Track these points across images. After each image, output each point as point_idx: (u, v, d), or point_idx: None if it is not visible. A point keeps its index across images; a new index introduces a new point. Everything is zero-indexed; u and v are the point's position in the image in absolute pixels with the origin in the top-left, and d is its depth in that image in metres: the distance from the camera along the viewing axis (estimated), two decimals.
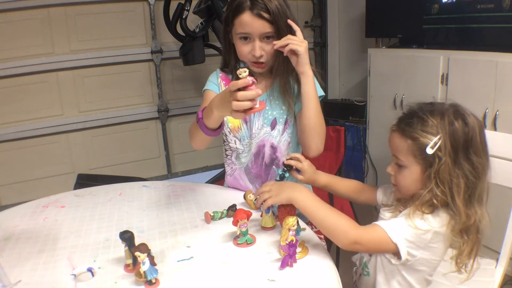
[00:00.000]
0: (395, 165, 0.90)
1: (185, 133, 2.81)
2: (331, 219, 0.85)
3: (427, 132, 0.82)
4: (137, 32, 2.54)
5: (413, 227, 0.81)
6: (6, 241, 0.96)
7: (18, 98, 2.31)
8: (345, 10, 3.04)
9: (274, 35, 1.05)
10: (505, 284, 1.75)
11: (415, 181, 0.86)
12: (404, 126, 0.85)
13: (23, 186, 2.40)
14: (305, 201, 0.88)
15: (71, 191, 1.31)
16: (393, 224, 0.83)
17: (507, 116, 1.75)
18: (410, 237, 0.81)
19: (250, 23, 1.02)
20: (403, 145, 0.85)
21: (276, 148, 1.16)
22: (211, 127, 0.96)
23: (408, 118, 0.86)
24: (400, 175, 0.88)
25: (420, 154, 0.82)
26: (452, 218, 0.82)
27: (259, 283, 0.78)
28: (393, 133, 0.89)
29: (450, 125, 0.81)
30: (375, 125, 2.59)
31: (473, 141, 0.81)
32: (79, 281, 0.81)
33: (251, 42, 1.05)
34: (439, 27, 2.10)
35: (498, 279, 1.17)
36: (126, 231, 0.80)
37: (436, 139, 0.80)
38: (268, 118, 1.14)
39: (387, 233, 0.81)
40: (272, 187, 0.94)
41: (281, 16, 1.03)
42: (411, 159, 0.84)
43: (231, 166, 1.25)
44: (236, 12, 1.03)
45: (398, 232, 0.81)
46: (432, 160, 0.81)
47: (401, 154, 0.86)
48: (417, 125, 0.83)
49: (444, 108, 0.84)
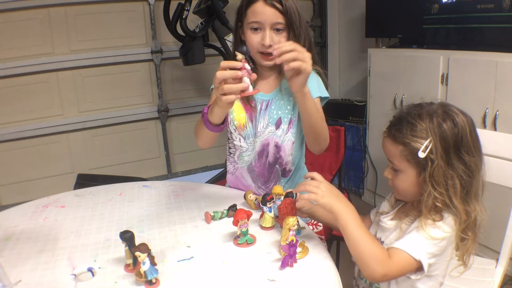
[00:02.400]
0: (391, 169, 0.90)
1: (185, 133, 2.83)
2: (366, 246, 0.80)
3: (417, 137, 0.82)
4: (137, 32, 2.54)
5: (429, 238, 0.80)
6: (6, 241, 0.96)
7: (18, 98, 2.31)
8: (345, 10, 3.04)
9: (285, 27, 1.05)
10: (505, 284, 1.75)
11: (412, 184, 0.86)
12: (395, 132, 0.85)
13: (23, 186, 2.40)
14: (347, 219, 0.82)
15: (71, 191, 1.31)
16: (411, 242, 0.81)
17: (507, 116, 1.75)
18: (429, 249, 0.80)
19: (263, 11, 1.03)
20: (395, 151, 0.85)
21: (280, 147, 1.16)
22: (215, 122, 0.99)
23: (397, 124, 0.86)
24: (397, 179, 0.88)
25: (413, 159, 0.83)
26: (456, 218, 0.82)
27: (259, 283, 0.78)
28: (385, 139, 0.89)
29: (439, 127, 0.81)
30: (375, 125, 2.59)
31: (464, 141, 0.81)
32: (79, 281, 0.81)
33: (262, 32, 1.05)
34: (439, 27, 2.10)
35: (498, 279, 1.17)
36: (126, 231, 0.80)
37: (426, 143, 0.80)
38: (273, 117, 1.14)
39: (409, 254, 0.79)
40: (322, 185, 0.87)
41: (294, 11, 1.04)
42: (405, 164, 0.85)
43: (233, 164, 1.25)
44: (249, 1, 1.05)
45: (418, 248, 0.80)
46: (425, 164, 0.81)
47: (395, 159, 0.86)
48: (406, 130, 0.83)
49: (432, 110, 0.84)
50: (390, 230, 0.92)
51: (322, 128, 1.06)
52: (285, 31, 1.06)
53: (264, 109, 1.15)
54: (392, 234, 0.91)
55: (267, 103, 1.15)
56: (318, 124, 1.04)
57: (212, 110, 0.98)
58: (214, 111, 0.98)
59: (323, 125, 1.06)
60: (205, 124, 1.01)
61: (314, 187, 0.86)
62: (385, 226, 0.93)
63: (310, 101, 0.99)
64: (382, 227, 0.95)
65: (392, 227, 0.92)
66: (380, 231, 0.96)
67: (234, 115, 1.17)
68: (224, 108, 0.95)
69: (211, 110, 0.99)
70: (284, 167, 1.18)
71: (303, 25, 1.07)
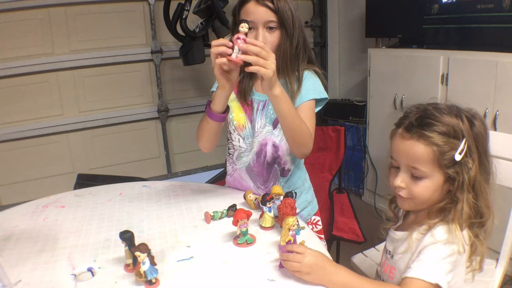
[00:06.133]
0: (407, 176, 0.79)
1: (185, 133, 2.83)
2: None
3: (450, 137, 0.74)
4: (137, 32, 2.54)
5: (449, 253, 0.74)
6: (6, 241, 0.96)
7: (18, 98, 2.31)
8: (345, 10, 3.04)
9: (277, 26, 1.06)
10: (505, 284, 1.75)
11: (435, 192, 0.78)
12: (422, 131, 0.75)
13: (23, 186, 2.40)
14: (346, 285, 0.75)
15: (71, 191, 1.31)
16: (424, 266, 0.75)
17: (507, 116, 1.75)
18: (445, 267, 0.74)
19: (254, 10, 1.04)
20: (425, 154, 0.75)
21: (278, 146, 1.16)
22: (217, 110, 1.04)
23: (423, 124, 0.76)
24: (417, 187, 0.78)
25: (448, 162, 0.74)
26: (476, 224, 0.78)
27: (259, 283, 0.78)
28: (405, 140, 0.78)
29: (471, 127, 0.75)
30: (375, 125, 2.59)
31: (488, 140, 0.78)
32: (79, 281, 0.81)
33: (255, 31, 1.06)
34: (439, 27, 2.10)
35: (498, 279, 1.17)
36: (126, 231, 0.80)
37: (462, 144, 0.73)
38: (270, 117, 1.15)
39: (424, 280, 0.73)
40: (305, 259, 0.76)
41: (286, 10, 1.05)
42: (434, 168, 0.76)
43: (232, 165, 1.25)
44: (242, 2, 1.07)
45: (433, 271, 0.73)
46: (458, 168, 0.74)
47: (420, 163, 0.76)
48: (437, 129, 0.74)
49: (454, 108, 0.77)
50: (401, 241, 0.87)
51: (299, 132, 1.02)
52: (278, 29, 1.06)
53: (261, 109, 1.15)
54: (403, 246, 0.85)
55: (264, 103, 1.15)
56: (293, 126, 1.00)
57: (215, 96, 1.02)
58: (216, 97, 1.02)
59: (301, 130, 1.02)
60: (208, 115, 1.04)
61: (297, 264, 0.76)
62: (395, 237, 0.89)
63: (284, 103, 0.96)
64: (392, 238, 0.91)
65: (402, 238, 0.86)
66: (390, 242, 0.92)
67: (233, 115, 1.18)
68: (224, 88, 0.98)
69: (213, 97, 1.04)
70: (283, 166, 1.19)
71: (296, 25, 1.08)
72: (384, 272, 0.92)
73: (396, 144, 0.80)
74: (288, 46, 1.08)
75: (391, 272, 0.89)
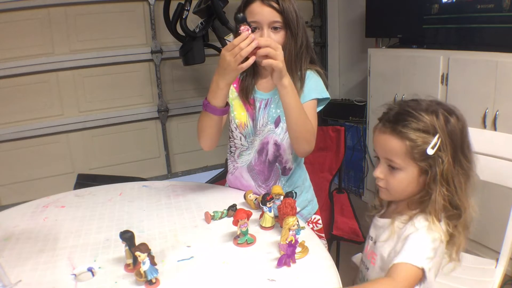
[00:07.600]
0: (385, 168, 0.84)
1: (185, 133, 2.83)
2: None
3: (424, 132, 0.78)
4: (137, 32, 2.54)
5: (430, 240, 0.77)
6: (6, 241, 0.96)
7: (18, 98, 2.31)
8: (345, 10, 3.04)
9: (282, 26, 1.06)
10: (505, 284, 1.75)
11: (411, 184, 0.82)
12: (398, 127, 0.80)
13: (23, 186, 2.40)
14: None
15: (71, 191, 1.31)
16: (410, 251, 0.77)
17: (507, 116, 1.75)
18: (428, 253, 0.76)
19: (260, 11, 1.04)
20: (399, 148, 0.80)
21: (280, 145, 1.16)
22: (219, 105, 1.03)
23: (400, 119, 0.81)
24: (393, 179, 0.83)
25: (420, 156, 0.78)
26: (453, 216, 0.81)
27: (259, 283, 0.78)
28: (383, 135, 0.83)
29: (446, 123, 0.78)
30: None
31: (466, 136, 0.81)
32: (79, 281, 0.81)
33: (260, 32, 1.06)
34: (439, 27, 2.10)
35: (498, 279, 1.17)
36: (126, 231, 0.80)
37: (435, 139, 0.77)
38: (272, 115, 1.15)
39: (412, 264, 0.74)
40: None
41: (291, 11, 1.05)
42: (408, 162, 0.80)
43: (233, 164, 1.25)
44: (247, 3, 1.07)
45: (419, 255, 0.75)
46: (431, 161, 0.78)
47: (396, 156, 0.81)
48: (412, 126, 0.78)
49: (433, 105, 0.81)
50: (383, 228, 0.90)
51: (303, 128, 1.03)
52: (283, 30, 1.07)
53: (264, 107, 1.15)
54: (385, 233, 0.88)
55: (266, 101, 1.15)
56: (299, 121, 1.02)
57: (216, 91, 1.01)
58: (218, 91, 1.01)
59: (305, 126, 1.03)
60: (210, 110, 1.04)
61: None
62: (378, 224, 0.92)
63: (291, 95, 0.99)
64: (375, 224, 0.93)
65: (385, 225, 0.89)
66: (373, 229, 0.95)
67: (235, 114, 1.18)
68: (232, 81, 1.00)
69: (212, 95, 1.02)
70: (284, 165, 1.19)
71: (300, 25, 1.08)
72: (368, 258, 0.94)
73: (376, 138, 0.86)
74: (292, 46, 1.09)
75: (372, 258, 0.91)
